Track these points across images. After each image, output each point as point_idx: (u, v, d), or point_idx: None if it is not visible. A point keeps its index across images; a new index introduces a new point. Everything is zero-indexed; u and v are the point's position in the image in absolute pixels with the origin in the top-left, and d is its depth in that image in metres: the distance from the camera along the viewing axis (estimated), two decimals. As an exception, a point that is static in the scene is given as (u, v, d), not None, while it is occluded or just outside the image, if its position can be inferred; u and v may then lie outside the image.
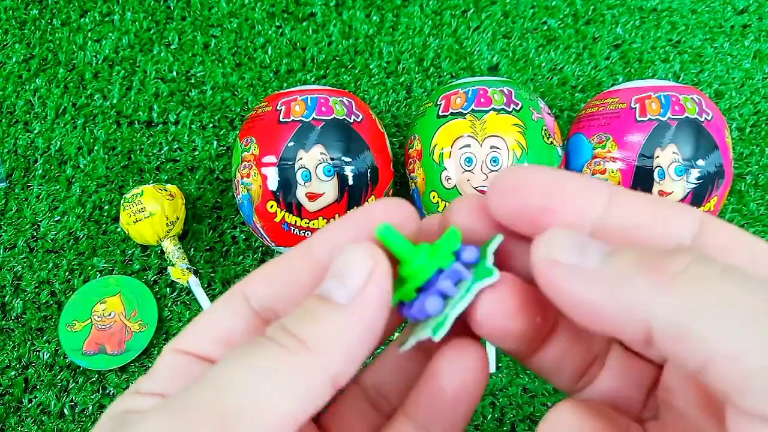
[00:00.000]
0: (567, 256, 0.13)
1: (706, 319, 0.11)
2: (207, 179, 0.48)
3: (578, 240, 0.13)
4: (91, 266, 0.46)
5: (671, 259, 0.12)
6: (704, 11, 0.53)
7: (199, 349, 0.15)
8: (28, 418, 0.42)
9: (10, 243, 0.47)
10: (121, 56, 0.52)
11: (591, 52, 0.52)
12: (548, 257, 0.13)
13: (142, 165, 0.49)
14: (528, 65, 0.52)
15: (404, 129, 0.50)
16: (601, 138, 0.39)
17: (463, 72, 0.52)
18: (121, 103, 0.50)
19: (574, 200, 0.14)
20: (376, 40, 0.52)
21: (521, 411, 0.42)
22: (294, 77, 0.51)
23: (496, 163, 0.37)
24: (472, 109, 0.38)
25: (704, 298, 0.11)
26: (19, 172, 0.49)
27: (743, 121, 0.50)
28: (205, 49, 0.52)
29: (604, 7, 0.53)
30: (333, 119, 0.39)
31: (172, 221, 0.43)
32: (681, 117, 0.38)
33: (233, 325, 0.16)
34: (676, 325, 0.11)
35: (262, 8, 0.53)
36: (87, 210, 0.47)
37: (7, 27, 0.53)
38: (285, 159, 0.38)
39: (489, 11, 0.53)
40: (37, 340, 0.44)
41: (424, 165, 0.39)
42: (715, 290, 0.11)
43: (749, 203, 0.48)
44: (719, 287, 0.11)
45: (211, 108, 0.50)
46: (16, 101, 0.50)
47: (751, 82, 0.51)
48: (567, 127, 0.49)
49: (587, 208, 0.14)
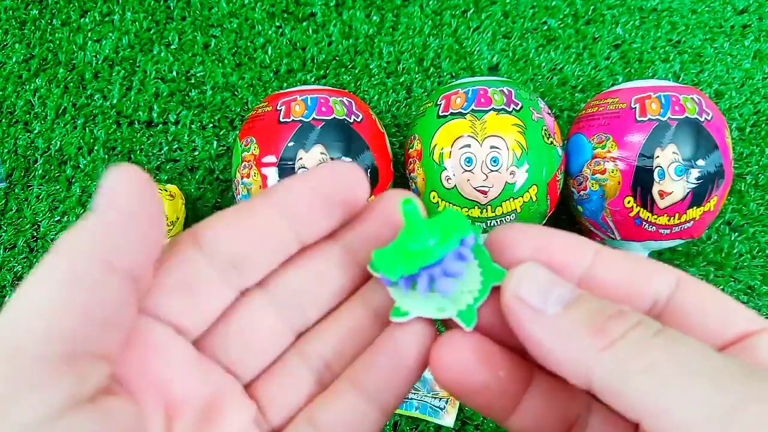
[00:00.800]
0: (532, 297, 0.14)
1: (635, 383, 0.12)
2: (207, 179, 0.48)
3: (545, 281, 0.15)
4: (91, 266, 0.46)
5: (614, 321, 0.13)
6: (704, 11, 0.53)
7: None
8: (28, 418, 0.42)
9: (10, 243, 0.47)
10: (121, 56, 0.52)
11: (591, 52, 0.52)
12: (516, 295, 0.14)
13: (142, 165, 0.49)
14: (528, 65, 0.52)
15: (404, 129, 0.50)
16: (601, 138, 0.39)
17: (463, 72, 0.52)
18: (121, 103, 0.50)
19: (560, 256, 0.15)
20: (376, 40, 0.52)
21: (521, 411, 0.42)
22: (294, 77, 0.51)
23: (496, 163, 0.37)
24: (472, 109, 0.38)
25: (634, 364, 0.13)
26: (19, 172, 0.49)
27: (743, 121, 0.50)
28: (205, 49, 0.52)
29: (604, 7, 0.53)
30: (333, 119, 0.39)
31: (172, 221, 0.43)
32: (681, 117, 0.38)
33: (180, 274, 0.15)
34: (611, 385, 0.13)
35: (262, 8, 0.53)
36: (87, 210, 0.47)
37: (7, 27, 0.53)
38: (285, 159, 0.38)
39: (489, 11, 0.53)
40: (37, 340, 0.44)
41: (424, 165, 0.39)
42: (645, 357, 0.13)
43: (749, 203, 0.48)
44: (648, 354, 0.13)
45: (211, 108, 0.50)
46: (16, 101, 0.50)
47: (751, 82, 0.51)
48: (567, 127, 0.49)
49: (573, 265, 0.15)
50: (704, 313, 0.15)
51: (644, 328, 0.13)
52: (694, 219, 0.38)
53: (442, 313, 0.16)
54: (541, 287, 0.14)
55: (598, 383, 0.13)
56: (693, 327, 0.14)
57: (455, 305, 0.16)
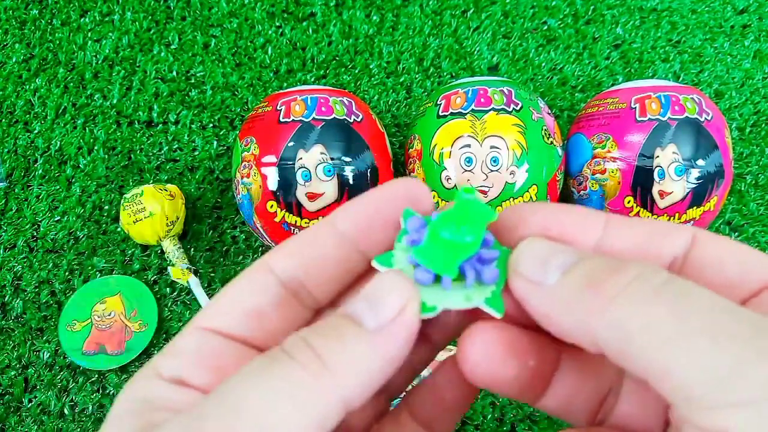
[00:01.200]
0: (530, 270, 0.14)
1: (637, 342, 0.12)
2: (207, 179, 0.48)
3: (543, 252, 0.14)
4: (91, 266, 0.46)
5: (612, 278, 0.13)
6: (704, 11, 0.53)
7: (226, 326, 0.15)
8: (28, 418, 0.42)
9: (10, 243, 0.47)
10: (121, 56, 0.52)
11: (591, 52, 0.52)
12: (516, 271, 0.14)
13: (142, 165, 0.49)
14: (528, 65, 0.52)
15: (404, 129, 0.50)
16: (601, 138, 0.39)
17: (463, 72, 0.52)
18: (121, 103, 0.50)
19: (571, 230, 0.15)
20: (376, 40, 0.52)
21: (521, 411, 0.42)
22: (294, 77, 0.51)
23: (496, 163, 0.37)
24: (472, 109, 0.38)
25: (633, 322, 0.12)
26: (19, 172, 0.49)
27: (743, 121, 0.50)
28: (205, 49, 0.52)
29: (604, 7, 0.53)
30: (333, 119, 0.39)
31: (172, 221, 0.43)
32: (681, 117, 0.38)
33: (261, 298, 0.15)
34: (615, 346, 0.12)
35: (262, 8, 0.53)
36: (87, 210, 0.47)
37: (7, 27, 0.53)
38: (285, 159, 0.38)
39: (489, 11, 0.53)
40: (37, 340, 0.44)
41: (424, 165, 0.39)
42: (644, 314, 0.12)
43: (749, 203, 0.48)
44: (647, 310, 0.12)
45: (211, 108, 0.50)
46: (16, 101, 0.50)
47: (751, 82, 0.51)
48: (567, 127, 0.49)
49: (584, 236, 0.15)
50: (722, 266, 0.14)
51: (643, 282, 0.12)
52: (694, 219, 0.38)
53: (470, 302, 0.15)
54: (539, 259, 0.14)
55: (604, 346, 0.12)
56: (712, 281, 0.14)
57: (481, 294, 0.15)
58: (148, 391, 0.14)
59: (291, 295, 0.16)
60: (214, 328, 0.15)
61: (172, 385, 0.14)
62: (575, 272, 0.13)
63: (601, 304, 0.12)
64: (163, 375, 0.14)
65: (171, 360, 0.14)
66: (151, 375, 0.14)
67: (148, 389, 0.14)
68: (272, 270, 0.16)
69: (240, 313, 0.15)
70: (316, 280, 0.16)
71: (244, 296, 0.15)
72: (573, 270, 0.13)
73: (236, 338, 0.15)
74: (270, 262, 0.16)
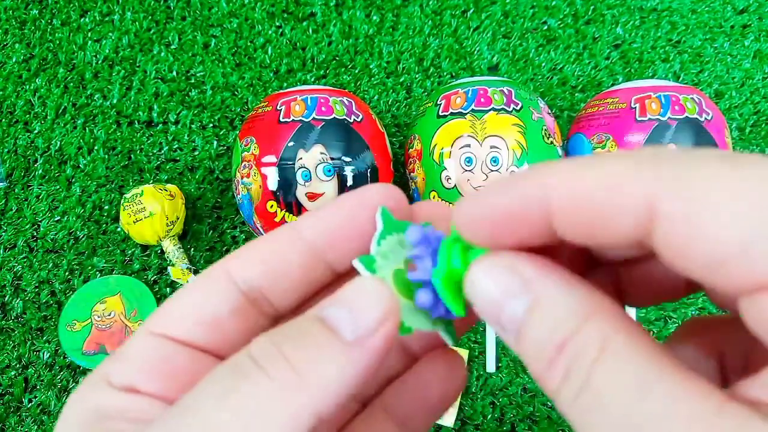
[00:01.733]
0: (489, 307, 0.13)
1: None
2: (207, 179, 0.48)
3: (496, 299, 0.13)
4: (91, 266, 0.46)
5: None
6: (704, 11, 0.53)
7: (179, 332, 0.14)
8: (28, 418, 0.42)
9: (10, 243, 0.47)
10: (121, 56, 0.52)
11: (591, 52, 0.52)
12: (482, 313, 0.13)
13: (142, 165, 0.49)
14: (528, 65, 0.52)
15: (404, 129, 0.50)
16: (601, 138, 0.39)
17: (463, 72, 0.52)
18: (121, 103, 0.50)
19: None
20: (376, 40, 0.52)
21: (521, 411, 0.42)
22: (294, 77, 0.51)
23: (496, 163, 0.37)
24: (472, 109, 0.38)
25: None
26: (19, 172, 0.49)
27: (743, 121, 0.50)
28: (205, 49, 0.52)
29: (604, 7, 0.53)
30: (333, 119, 0.39)
31: (172, 221, 0.43)
32: (681, 117, 0.38)
33: (218, 304, 0.14)
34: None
35: (262, 8, 0.53)
36: (87, 210, 0.47)
37: (7, 27, 0.53)
38: (285, 159, 0.38)
39: (489, 11, 0.53)
40: (37, 340, 0.44)
41: (424, 165, 0.39)
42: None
43: (749, 203, 0.48)
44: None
45: (211, 108, 0.50)
46: (16, 101, 0.50)
47: (751, 82, 0.51)
48: (567, 127, 0.49)
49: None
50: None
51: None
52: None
53: (434, 327, 0.15)
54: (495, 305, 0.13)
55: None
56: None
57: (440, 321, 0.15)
58: (99, 400, 0.13)
59: (249, 303, 0.15)
60: (167, 333, 0.14)
61: (123, 393, 0.13)
62: (536, 324, 0.12)
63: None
64: (113, 383, 0.13)
65: (121, 366, 0.14)
66: (100, 383, 0.13)
67: (98, 398, 0.13)
68: (231, 276, 0.15)
69: (195, 318, 0.14)
70: (278, 289, 0.15)
71: (200, 301, 0.14)
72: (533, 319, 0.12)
73: (189, 344, 0.14)
74: (229, 268, 0.15)
